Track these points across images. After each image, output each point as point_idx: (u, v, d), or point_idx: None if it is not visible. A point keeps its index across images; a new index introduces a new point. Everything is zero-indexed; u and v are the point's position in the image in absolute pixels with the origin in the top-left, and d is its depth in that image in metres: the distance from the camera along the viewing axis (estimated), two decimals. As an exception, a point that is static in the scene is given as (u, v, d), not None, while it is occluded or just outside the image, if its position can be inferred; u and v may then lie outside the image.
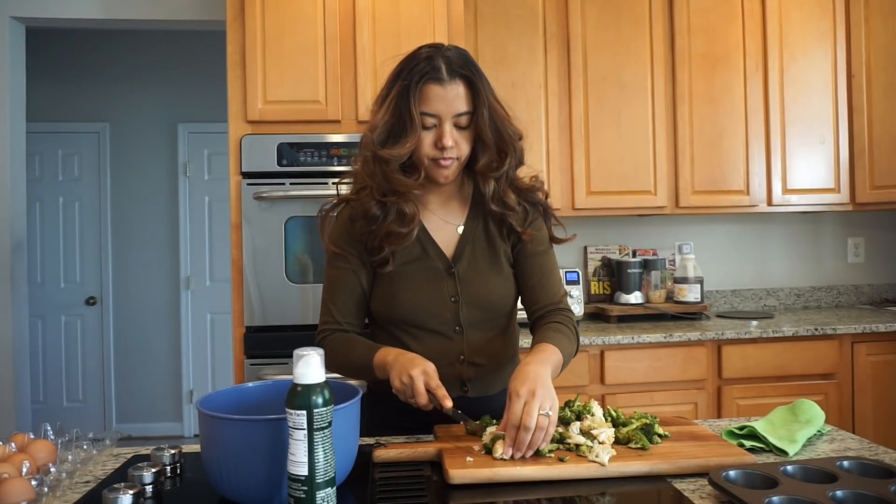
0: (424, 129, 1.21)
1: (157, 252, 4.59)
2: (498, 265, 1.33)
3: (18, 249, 3.11)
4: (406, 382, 1.13)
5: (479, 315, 1.31)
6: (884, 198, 2.99)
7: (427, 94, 1.19)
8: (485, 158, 1.26)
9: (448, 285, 1.30)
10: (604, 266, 3.14)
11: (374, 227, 1.26)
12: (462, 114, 1.22)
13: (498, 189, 1.29)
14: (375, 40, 2.45)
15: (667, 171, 2.89)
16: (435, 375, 1.14)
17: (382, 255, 1.27)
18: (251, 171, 2.37)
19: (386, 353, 1.20)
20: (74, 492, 1.00)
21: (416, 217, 1.27)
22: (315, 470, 0.83)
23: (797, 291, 3.32)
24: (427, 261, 1.30)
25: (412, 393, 1.12)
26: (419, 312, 1.29)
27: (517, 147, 1.28)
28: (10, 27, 3.03)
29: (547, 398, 1.03)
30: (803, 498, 0.86)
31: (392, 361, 1.17)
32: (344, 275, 1.32)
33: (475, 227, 1.34)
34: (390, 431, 1.27)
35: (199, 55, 4.51)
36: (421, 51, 1.24)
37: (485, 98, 1.22)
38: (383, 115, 1.21)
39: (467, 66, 1.22)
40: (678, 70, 2.90)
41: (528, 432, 1.00)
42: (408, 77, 1.20)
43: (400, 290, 1.29)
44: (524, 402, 1.02)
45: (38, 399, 4.28)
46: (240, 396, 1.09)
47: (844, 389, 2.66)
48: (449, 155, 1.23)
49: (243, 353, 2.35)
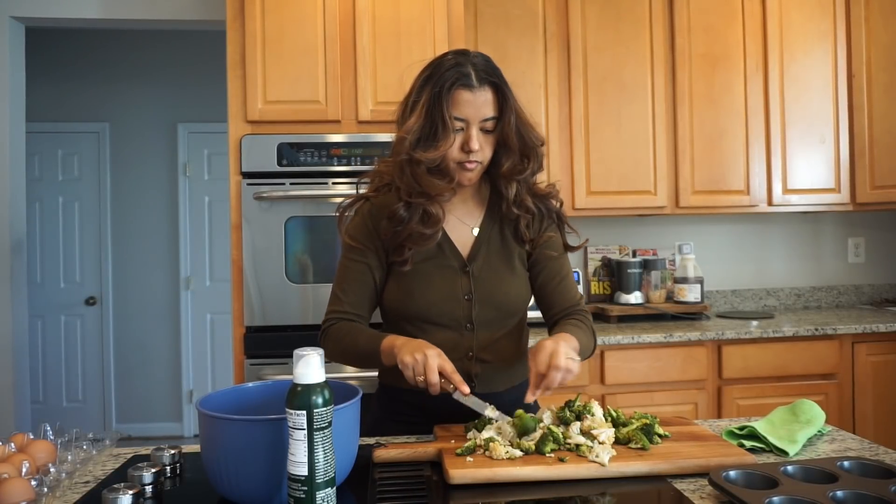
0: (453, 131, 1.25)
1: (156, 252, 4.59)
2: (512, 266, 1.36)
3: (18, 249, 3.11)
4: (419, 359, 1.12)
5: (491, 314, 1.33)
6: (884, 198, 2.99)
7: (457, 99, 1.23)
8: (509, 162, 1.30)
9: (462, 283, 1.32)
10: (604, 266, 3.14)
11: (399, 227, 1.28)
12: (488, 119, 1.26)
13: (520, 192, 1.33)
14: (375, 40, 2.45)
15: (667, 171, 2.89)
16: (449, 361, 1.15)
17: (404, 256, 1.30)
18: (251, 171, 2.37)
19: (394, 338, 1.22)
20: (74, 492, 1.00)
21: (441, 219, 1.29)
22: (315, 470, 0.83)
23: (797, 291, 3.32)
24: (443, 259, 1.33)
25: (422, 370, 1.11)
26: (433, 309, 1.31)
27: (539, 153, 1.32)
28: (10, 27, 3.03)
29: (570, 349, 1.12)
30: (803, 498, 0.86)
31: (402, 344, 1.18)
32: (358, 267, 1.33)
33: (491, 228, 1.37)
34: (400, 427, 1.29)
35: (199, 55, 4.51)
36: (447, 56, 1.27)
37: (511, 104, 1.26)
38: (416, 120, 1.24)
39: (494, 73, 1.26)
40: (678, 70, 2.90)
41: (559, 370, 1.08)
42: (439, 83, 1.23)
43: (415, 286, 1.31)
44: (550, 351, 1.10)
45: (37, 399, 4.28)
46: (240, 396, 1.09)
47: (845, 389, 2.66)
48: (474, 158, 1.26)
49: (243, 353, 2.35)
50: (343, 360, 1.34)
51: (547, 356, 1.10)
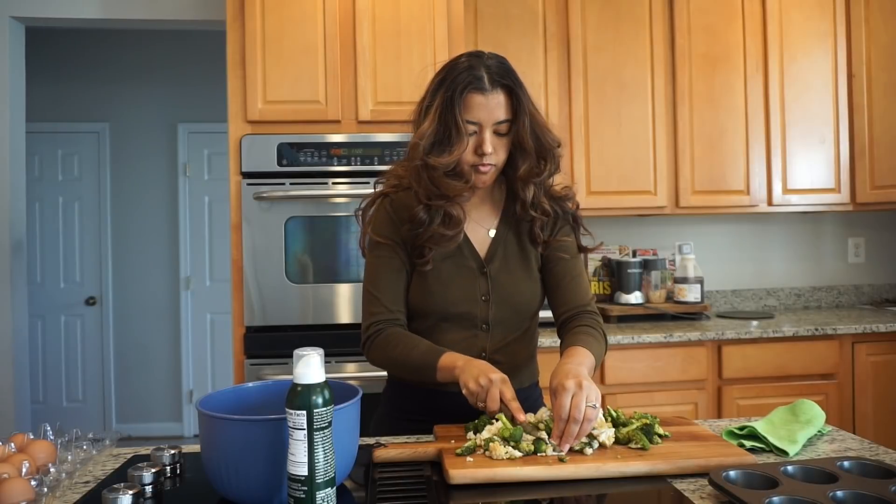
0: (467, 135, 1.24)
1: (156, 252, 4.59)
2: (528, 268, 1.36)
3: (18, 249, 3.11)
4: (484, 385, 1.13)
5: (506, 314, 1.34)
6: (884, 198, 2.99)
7: (469, 102, 1.23)
8: (526, 165, 1.29)
9: (480, 284, 1.33)
10: (604, 266, 3.14)
11: (420, 230, 1.28)
12: (502, 122, 1.25)
13: (536, 195, 1.33)
14: (375, 40, 2.45)
15: (667, 171, 2.89)
16: (510, 387, 1.15)
17: (425, 257, 1.30)
18: (251, 171, 2.37)
19: (455, 358, 1.21)
20: (74, 492, 1.00)
21: (462, 220, 1.30)
22: (315, 470, 0.83)
23: (797, 291, 3.32)
24: (461, 259, 1.33)
25: (486, 396, 1.13)
26: (451, 308, 1.31)
27: (556, 154, 1.32)
28: (10, 27, 3.03)
29: (592, 390, 1.06)
30: (804, 498, 0.86)
31: (464, 366, 1.18)
32: (390, 263, 1.33)
33: (507, 230, 1.37)
34: (410, 424, 1.30)
35: (199, 55, 4.51)
36: (461, 59, 1.27)
37: (525, 107, 1.26)
38: (430, 125, 1.24)
39: (508, 76, 1.25)
40: (678, 70, 2.89)
41: (578, 424, 1.03)
42: (451, 87, 1.23)
43: (434, 285, 1.31)
44: (572, 395, 1.05)
45: (37, 399, 4.28)
46: (240, 396, 1.09)
47: (845, 390, 2.66)
48: (488, 161, 1.26)
49: (243, 353, 2.35)
50: (390, 370, 1.34)
51: (568, 400, 1.04)
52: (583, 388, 1.05)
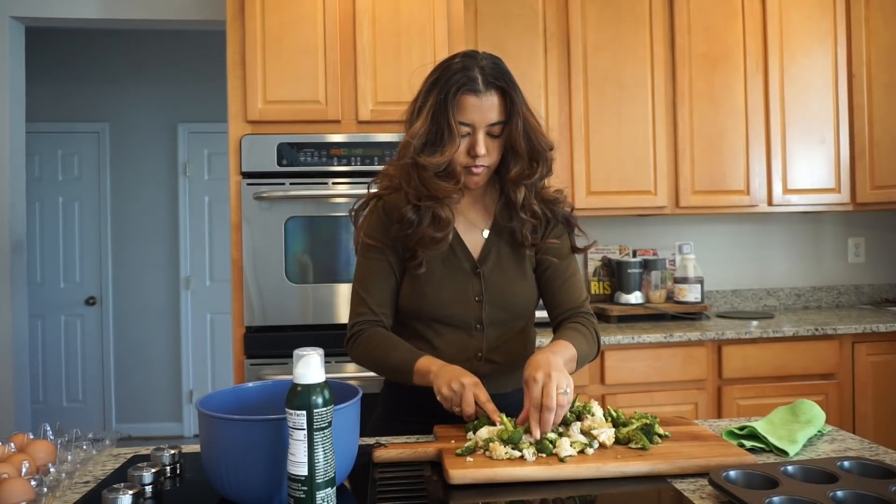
0: (459, 136, 1.24)
1: (156, 252, 4.59)
2: (522, 269, 1.36)
3: (18, 249, 3.11)
4: (457, 390, 1.15)
5: (500, 315, 1.34)
6: (884, 198, 2.98)
7: (463, 104, 1.22)
8: (517, 167, 1.29)
9: (473, 285, 1.33)
10: (604, 266, 3.14)
11: (409, 231, 1.28)
12: (495, 123, 1.25)
13: (528, 197, 1.32)
14: (375, 40, 2.45)
15: (667, 170, 2.89)
16: (484, 389, 1.16)
17: (417, 259, 1.30)
18: (251, 171, 2.37)
19: (430, 363, 1.22)
20: (74, 492, 1.00)
21: (451, 222, 1.29)
22: (315, 470, 0.83)
23: (797, 291, 3.32)
24: (454, 261, 1.33)
25: (460, 401, 1.14)
26: (444, 310, 1.31)
27: (548, 157, 1.31)
28: (10, 27, 3.03)
29: (562, 378, 1.07)
30: (804, 498, 0.86)
31: (438, 371, 1.20)
32: (379, 266, 1.33)
33: (500, 231, 1.37)
34: (407, 425, 1.30)
35: (199, 55, 4.51)
36: (455, 59, 1.26)
37: (518, 108, 1.25)
38: (422, 124, 1.24)
39: (502, 77, 1.24)
40: (678, 70, 2.89)
41: (551, 411, 1.04)
42: (445, 88, 1.23)
43: (427, 287, 1.31)
44: (542, 385, 1.06)
45: (37, 399, 4.28)
46: (240, 396, 1.09)
47: (845, 389, 2.66)
48: (481, 163, 1.26)
49: (243, 353, 2.35)
50: (370, 369, 1.34)
51: (539, 391, 1.06)
52: (552, 377, 1.06)
